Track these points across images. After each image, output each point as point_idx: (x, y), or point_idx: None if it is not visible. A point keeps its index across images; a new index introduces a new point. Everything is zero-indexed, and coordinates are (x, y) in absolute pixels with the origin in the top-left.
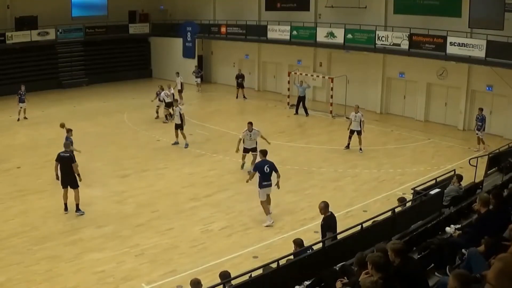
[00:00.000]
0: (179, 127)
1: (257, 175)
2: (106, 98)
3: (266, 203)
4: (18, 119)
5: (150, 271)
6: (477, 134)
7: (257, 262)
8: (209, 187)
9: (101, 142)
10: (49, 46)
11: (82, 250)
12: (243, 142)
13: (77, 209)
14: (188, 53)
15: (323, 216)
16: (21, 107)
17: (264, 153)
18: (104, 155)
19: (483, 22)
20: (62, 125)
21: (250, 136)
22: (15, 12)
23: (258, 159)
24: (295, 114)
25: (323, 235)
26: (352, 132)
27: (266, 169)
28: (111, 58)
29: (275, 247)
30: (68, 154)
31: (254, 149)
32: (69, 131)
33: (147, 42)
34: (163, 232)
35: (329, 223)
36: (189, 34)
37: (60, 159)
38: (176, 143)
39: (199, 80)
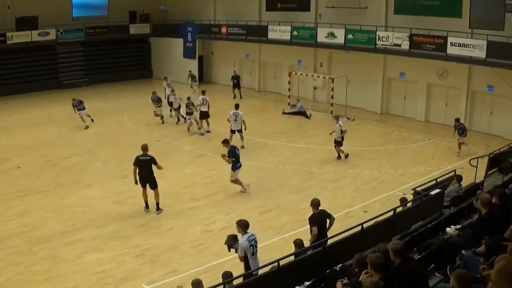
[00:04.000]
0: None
1: None
2: (107, 98)
3: (237, 180)
4: (87, 126)
5: (150, 272)
6: (459, 139)
7: None
8: (209, 188)
9: (101, 142)
10: (49, 46)
11: (82, 250)
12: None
13: (158, 208)
14: (188, 53)
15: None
16: (80, 114)
17: (228, 141)
18: (104, 155)
19: (484, 22)
20: None
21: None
22: (16, 12)
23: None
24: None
25: (310, 230)
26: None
27: (237, 152)
28: (112, 59)
29: (275, 247)
30: (149, 157)
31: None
32: None
33: (147, 43)
34: (163, 232)
35: (315, 219)
36: (189, 35)
37: (139, 162)
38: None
39: (196, 83)
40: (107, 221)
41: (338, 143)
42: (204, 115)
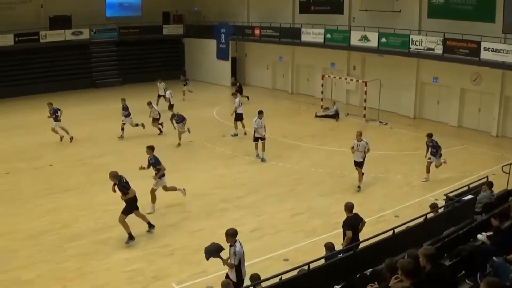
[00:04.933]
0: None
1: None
2: (139, 98)
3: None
4: (62, 137)
5: (180, 271)
6: (429, 159)
7: (288, 265)
8: (240, 189)
9: (131, 142)
10: (83, 46)
11: (112, 248)
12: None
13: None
14: (221, 54)
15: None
16: (54, 125)
17: (153, 147)
18: (134, 155)
19: None
20: None
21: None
22: (49, 11)
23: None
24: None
25: (343, 233)
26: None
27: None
28: (145, 59)
29: (306, 250)
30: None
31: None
32: None
33: (181, 43)
34: (193, 232)
35: (350, 223)
36: (222, 36)
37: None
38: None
39: (186, 87)
40: (137, 221)
41: (360, 164)
42: (239, 117)
